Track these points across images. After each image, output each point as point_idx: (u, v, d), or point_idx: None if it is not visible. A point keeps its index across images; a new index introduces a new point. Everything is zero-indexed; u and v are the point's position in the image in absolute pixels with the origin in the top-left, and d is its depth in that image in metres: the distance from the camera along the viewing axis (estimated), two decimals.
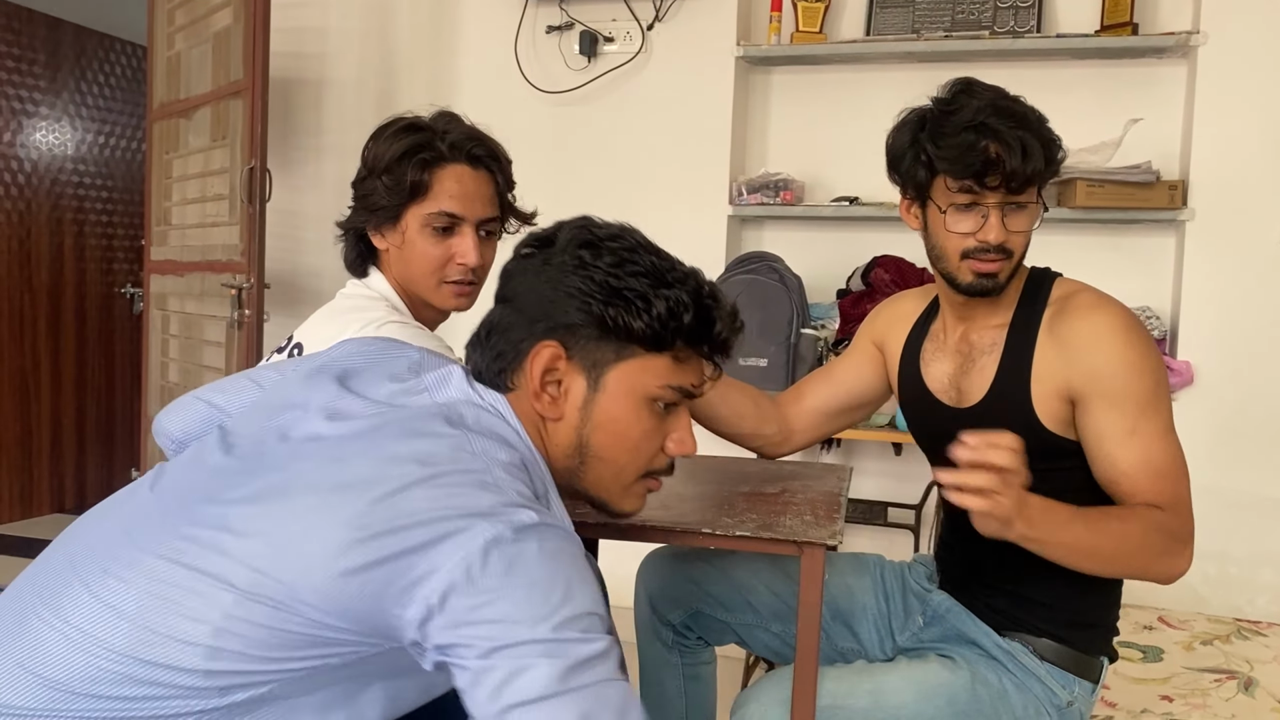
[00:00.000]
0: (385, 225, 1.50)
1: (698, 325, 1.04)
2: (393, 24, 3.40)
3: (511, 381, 1.04)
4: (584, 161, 3.17)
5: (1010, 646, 1.44)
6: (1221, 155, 2.68)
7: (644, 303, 1.01)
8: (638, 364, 1.02)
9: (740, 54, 2.99)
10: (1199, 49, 2.67)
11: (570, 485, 1.07)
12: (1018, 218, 1.39)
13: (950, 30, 2.88)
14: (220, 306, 3.08)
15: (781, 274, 2.71)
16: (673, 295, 1.02)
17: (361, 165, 1.52)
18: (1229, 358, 2.69)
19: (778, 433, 1.65)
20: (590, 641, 0.85)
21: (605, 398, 1.03)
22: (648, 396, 1.04)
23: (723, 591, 1.68)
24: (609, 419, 1.03)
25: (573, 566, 0.88)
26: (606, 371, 1.02)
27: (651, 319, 1.01)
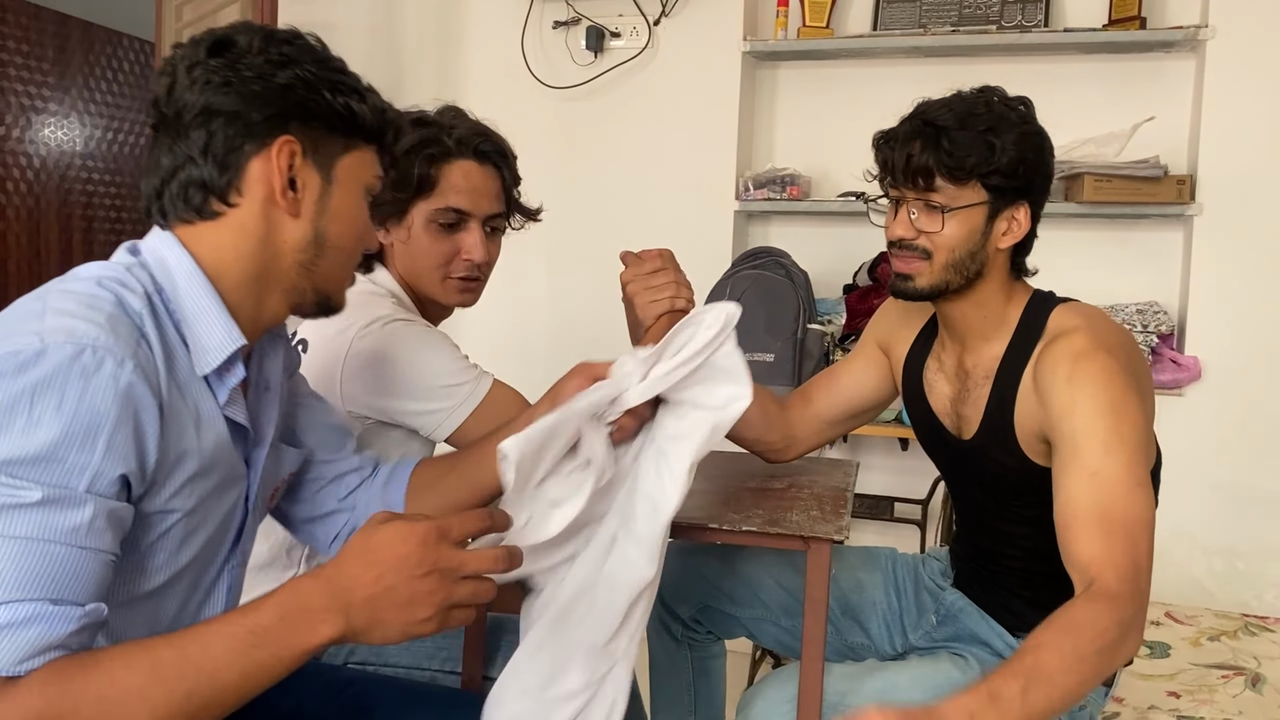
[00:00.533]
0: (390, 220, 1.50)
1: (397, 126, 1.09)
2: (400, 19, 3.40)
3: (217, 206, 0.99)
4: (590, 157, 3.18)
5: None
6: (1230, 150, 2.67)
7: (360, 95, 1.04)
8: (358, 155, 1.05)
9: (747, 49, 2.99)
10: (1207, 43, 2.66)
11: (294, 283, 1.03)
12: (930, 218, 1.35)
13: (957, 25, 2.87)
14: None
15: (788, 269, 2.71)
16: (373, 90, 1.06)
17: None
18: (1237, 353, 2.69)
19: (781, 439, 1.63)
20: (18, 490, 0.81)
21: (339, 190, 1.04)
22: (366, 187, 1.07)
23: (732, 586, 1.69)
24: (344, 209, 1.04)
25: (68, 413, 0.83)
26: (337, 164, 1.03)
27: (372, 110, 1.04)
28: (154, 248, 0.99)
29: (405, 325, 1.42)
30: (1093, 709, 1.44)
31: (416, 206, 1.48)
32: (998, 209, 1.36)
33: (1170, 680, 1.75)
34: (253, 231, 1.00)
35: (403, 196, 1.47)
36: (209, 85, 0.97)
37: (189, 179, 0.99)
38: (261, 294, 1.02)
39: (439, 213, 1.49)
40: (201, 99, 0.97)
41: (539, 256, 3.17)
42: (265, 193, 0.99)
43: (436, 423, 1.41)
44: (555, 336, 3.22)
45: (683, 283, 1.42)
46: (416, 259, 1.51)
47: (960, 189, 1.34)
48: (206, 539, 1.01)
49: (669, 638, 1.75)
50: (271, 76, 0.98)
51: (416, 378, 1.39)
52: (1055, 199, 2.75)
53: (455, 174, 1.49)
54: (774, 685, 1.37)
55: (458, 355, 1.44)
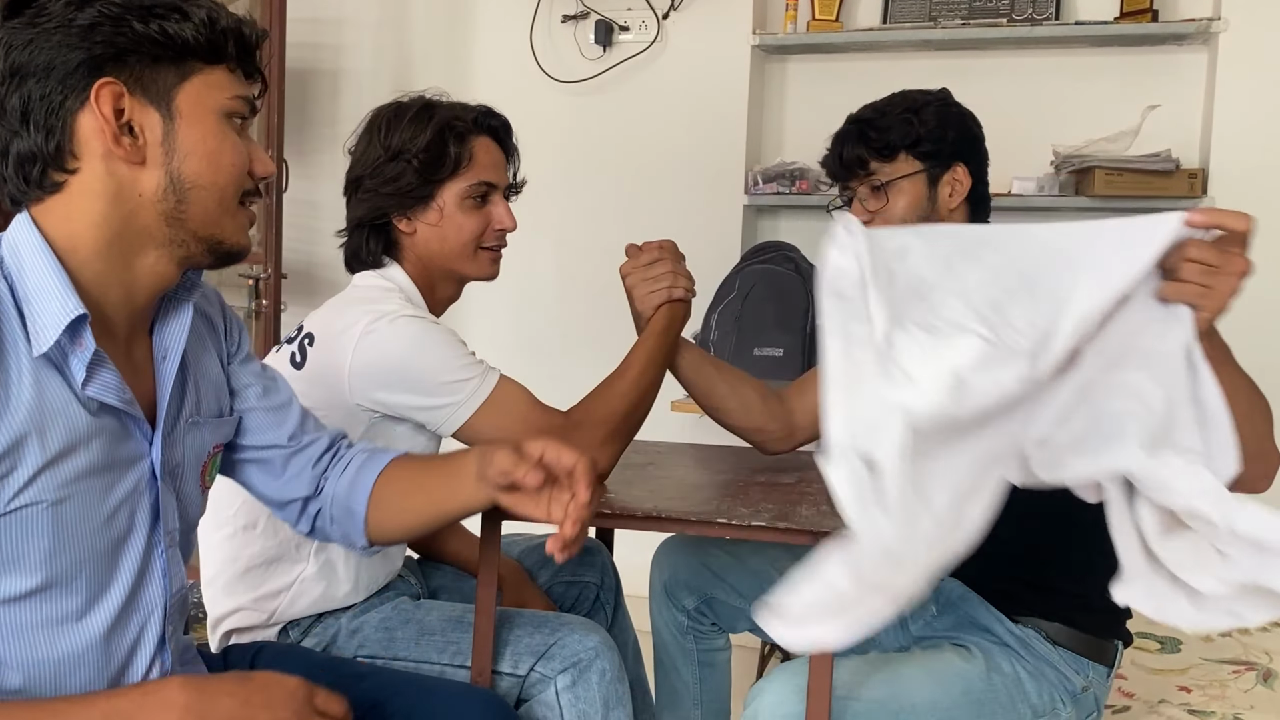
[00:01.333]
0: (416, 207, 1.50)
1: (237, 30, 0.98)
2: (408, 14, 3.40)
3: (56, 175, 0.93)
4: (599, 151, 3.17)
5: (1023, 633, 1.44)
6: (1242, 143, 2.65)
7: (181, 14, 0.94)
8: (201, 80, 0.96)
9: (756, 43, 2.98)
10: (1220, 35, 2.65)
11: (169, 236, 0.97)
12: (875, 197, 1.50)
13: (968, 18, 2.86)
14: (237, 297, 3.09)
15: (797, 263, 2.71)
16: (201, 4, 0.95)
17: (376, 154, 1.49)
18: (1251, 349, 2.66)
19: (781, 429, 1.64)
20: None
21: (185, 124, 0.95)
22: (223, 111, 0.97)
23: (737, 578, 1.70)
24: (196, 143, 0.95)
25: None
26: (175, 95, 0.94)
27: (197, 26, 0.94)
28: (11, 233, 0.94)
29: (412, 320, 1.42)
30: (1097, 690, 1.44)
31: (447, 187, 1.50)
32: (936, 175, 1.48)
33: (1181, 675, 1.74)
34: (100, 192, 0.93)
35: (433, 180, 1.49)
36: (13, 48, 0.90)
37: (20, 154, 0.92)
38: (130, 256, 0.95)
39: (472, 188, 1.51)
40: (6, 64, 0.90)
41: (547, 250, 3.17)
42: (101, 147, 0.92)
43: (443, 418, 1.41)
44: (563, 330, 3.22)
45: (681, 272, 1.47)
46: (449, 238, 1.52)
47: (893, 164, 1.48)
48: (102, 525, 0.95)
49: (674, 630, 1.76)
50: (72, 21, 0.90)
51: (423, 373, 1.39)
52: (1066, 193, 2.74)
53: (479, 150, 1.52)
54: (783, 678, 1.37)
55: (464, 351, 1.44)
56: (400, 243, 1.53)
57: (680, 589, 1.73)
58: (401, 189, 1.48)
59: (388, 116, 1.51)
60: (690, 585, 1.72)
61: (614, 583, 1.80)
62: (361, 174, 1.51)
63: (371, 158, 1.50)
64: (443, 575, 1.75)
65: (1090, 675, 1.43)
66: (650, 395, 1.50)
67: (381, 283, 1.52)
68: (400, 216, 1.51)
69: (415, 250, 1.53)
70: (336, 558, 1.48)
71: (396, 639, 1.46)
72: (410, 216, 1.51)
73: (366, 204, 1.51)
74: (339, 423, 1.43)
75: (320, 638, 1.47)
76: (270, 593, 1.47)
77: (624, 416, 1.46)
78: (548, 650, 1.42)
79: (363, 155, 1.52)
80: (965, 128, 1.50)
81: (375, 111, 1.54)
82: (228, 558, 1.49)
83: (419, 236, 1.52)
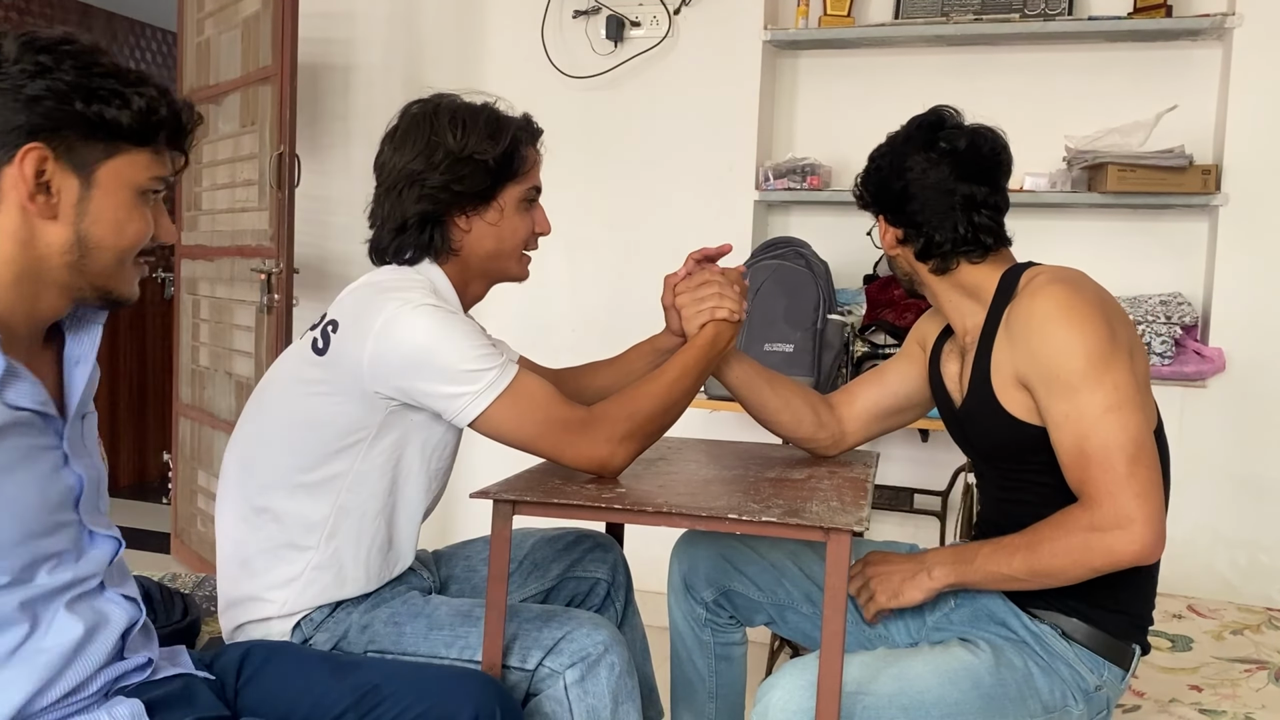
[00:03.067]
0: (479, 206, 1.52)
1: (173, 118, 1.11)
2: (420, 8, 3.40)
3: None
4: (611, 146, 3.17)
5: (1039, 629, 1.44)
6: (1256, 139, 2.64)
7: (122, 100, 1.06)
8: (126, 159, 1.08)
9: (768, 38, 2.98)
10: (1234, 31, 2.63)
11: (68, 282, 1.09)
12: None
13: (980, 13, 2.85)
14: (250, 291, 3.11)
15: (808, 259, 2.70)
16: (145, 92, 1.08)
17: (444, 153, 1.48)
18: (1262, 345, 2.66)
19: (830, 436, 1.73)
20: None
21: (100, 193, 1.08)
22: (138, 189, 1.10)
23: (756, 571, 1.71)
24: (106, 211, 1.08)
25: None
26: (97, 169, 1.07)
27: (134, 114, 1.06)
28: None
29: (434, 309, 1.42)
30: (1110, 691, 1.44)
31: (507, 190, 1.54)
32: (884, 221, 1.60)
33: (1193, 674, 1.74)
34: (13, 235, 1.05)
35: (501, 181, 1.52)
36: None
37: None
38: (35, 292, 1.08)
39: (529, 191, 1.57)
40: None
41: (559, 246, 3.16)
42: (18, 199, 1.04)
43: (461, 407, 1.41)
44: (575, 325, 3.22)
45: (729, 295, 1.60)
46: (505, 239, 1.56)
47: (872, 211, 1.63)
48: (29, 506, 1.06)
49: (691, 622, 1.76)
50: (21, 89, 1.02)
51: (442, 360, 1.39)
52: (1079, 189, 2.73)
53: (533, 156, 1.58)
54: (793, 673, 1.37)
55: (485, 341, 1.45)
56: (451, 239, 1.53)
57: (699, 581, 1.74)
58: (472, 187, 1.50)
59: (461, 116, 1.51)
60: (709, 577, 1.74)
61: (625, 580, 1.80)
62: (423, 170, 1.49)
63: (441, 156, 1.48)
64: (452, 566, 1.76)
65: (1105, 675, 1.43)
66: (680, 404, 1.53)
67: (409, 273, 1.52)
68: (460, 214, 1.52)
69: (466, 247, 1.54)
70: (345, 546, 1.48)
71: (405, 633, 1.47)
72: (470, 214, 1.52)
73: (431, 199, 1.50)
74: (359, 409, 1.45)
75: (332, 633, 1.48)
76: (280, 580, 1.48)
77: (647, 417, 1.47)
78: (556, 645, 1.43)
79: (424, 152, 1.49)
80: (882, 184, 1.55)
81: (429, 108, 1.52)
82: (240, 542, 1.50)
83: (474, 234, 1.53)
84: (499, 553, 1.36)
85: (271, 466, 1.49)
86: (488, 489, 1.37)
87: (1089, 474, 1.33)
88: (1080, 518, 1.33)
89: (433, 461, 1.54)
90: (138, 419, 4.93)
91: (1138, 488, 1.30)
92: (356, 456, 1.47)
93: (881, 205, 1.57)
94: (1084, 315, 1.37)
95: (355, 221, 1.69)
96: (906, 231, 1.54)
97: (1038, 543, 1.36)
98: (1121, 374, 1.35)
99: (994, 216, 1.52)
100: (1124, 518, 1.30)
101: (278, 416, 1.51)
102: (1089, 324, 1.36)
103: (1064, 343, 1.36)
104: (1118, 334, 1.38)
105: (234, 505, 1.52)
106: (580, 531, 1.80)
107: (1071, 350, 1.35)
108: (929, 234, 1.51)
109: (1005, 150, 1.54)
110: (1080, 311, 1.37)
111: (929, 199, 1.51)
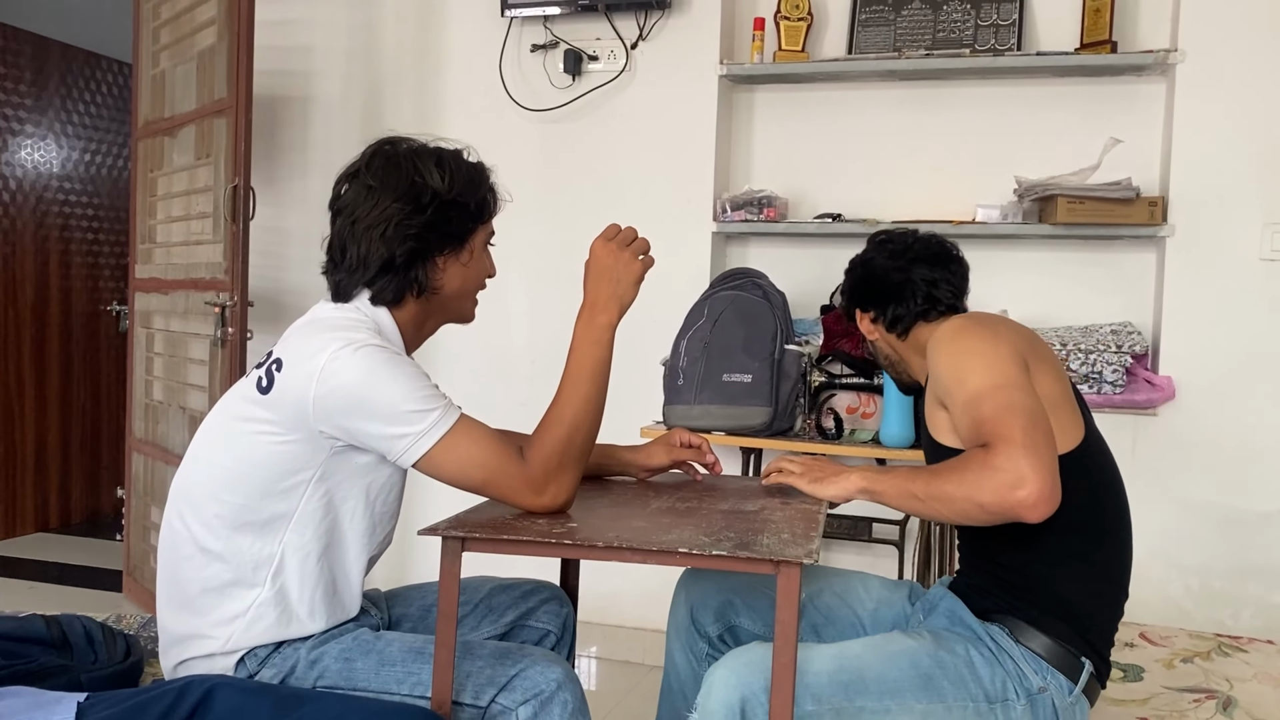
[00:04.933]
0: (454, 248, 1.54)
1: None
2: (378, 42, 3.40)
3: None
4: (569, 179, 3.18)
5: (990, 629, 1.49)
6: (1200, 171, 2.70)
7: None
8: None
9: (724, 72, 3.01)
10: (1177, 66, 2.70)
11: None
12: None
13: (931, 48, 2.90)
14: (204, 324, 3.07)
15: (765, 290, 2.72)
16: None
17: (427, 194, 1.48)
18: (1210, 373, 2.71)
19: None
20: None
21: None
22: None
23: (764, 606, 1.72)
24: None
25: None
26: None
27: None
28: None
29: (378, 350, 1.41)
30: (1056, 698, 1.45)
31: (479, 232, 1.57)
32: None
33: (1142, 705, 1.75)
34: None
35: (476, 223, 1.56)
36: None
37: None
38: None
39: (490, 233, 1.62)
40: None
41: (518, 277, 3.17)
42: None
43: (404, 447, 1.41)
44: (535, 356, 3.22)
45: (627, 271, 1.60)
46: (470, 279, 1.59)
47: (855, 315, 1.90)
48: None
49: (691, 656, 1.76)
50: None
51: (386, 401, 1.39)
52: (1030, 220, 2.78)
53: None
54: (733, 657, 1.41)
55: (428, 384, 1.44)
56: (431, 279, 1.54)
57: (707, 616, 1.76)
58: (453, 230, 1.53)
59: (449, 162, 1.52)
60: (717, 612, 1.76)
61: (571, 638, 1.79)
62: (408, 211, 1.48)
63: (428, 199, 1.49)
64: (406, 605, 1.74)
65: (1049, 679, 1.46)
66: (595, 412, 1.50)
67: (353, 313, 1.51)
68: (439, 255, 1.53)
69: (441, 288, 1.55)
70: (289, 585, 1.47)
71: (356, 669, 1.45)
72: (446, 257, 1.54)
73: (415, 239, 1.49)
74: (303, 449, 1.43)
75: (279, 668, 1.46)
76: (226, 617, 1.46)
77: (568, 441, 1.46)
78: (510, 681, 1.42)
79: (405, 194, 1.49)
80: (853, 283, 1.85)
81: (400, 151, 1.52)
82: (184, 579, 1.48)
83: (447, 274, 1.55)
84: (448, 590, 1.35)
85: (215, 504, 1.47)
86: (436, 525, 1.36)
87: (984, 429, 1.39)
88: (978, 455, 1.39)
89: (377, 504, 1.53)
90: (91, 454, 4.85)
91: (1031, 442, 1.35)
92: (299, 497, 1.46)
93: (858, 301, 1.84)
94: (973, 332, 1.54)
95: (311, 253, 1.68)
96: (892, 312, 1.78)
97: (943, 469, 1.43)
98: (1013, 371, 1.45)
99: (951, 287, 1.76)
100: (1018, 464, 1.33)
101: (220, 454, 1.49)
102: (976, 336, 1.52)
103: (953, 355, 1.51)
104: (1012, 345, 1.50)
105: (177, 542, 1.50)
106: (538, 583, 1.79)
107: (960, 361, 1.50)
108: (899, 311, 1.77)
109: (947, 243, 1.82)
110: (970, 331, 1.54)
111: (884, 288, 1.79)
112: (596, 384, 1.49)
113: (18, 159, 4.43)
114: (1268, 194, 2.67)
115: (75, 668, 1.57)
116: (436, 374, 1.92)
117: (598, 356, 1.50)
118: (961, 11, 2.91)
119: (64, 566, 4.14)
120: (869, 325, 1.83)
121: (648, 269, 1.56)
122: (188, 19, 3.22)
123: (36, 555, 4.28)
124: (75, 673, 1.55)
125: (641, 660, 3.08)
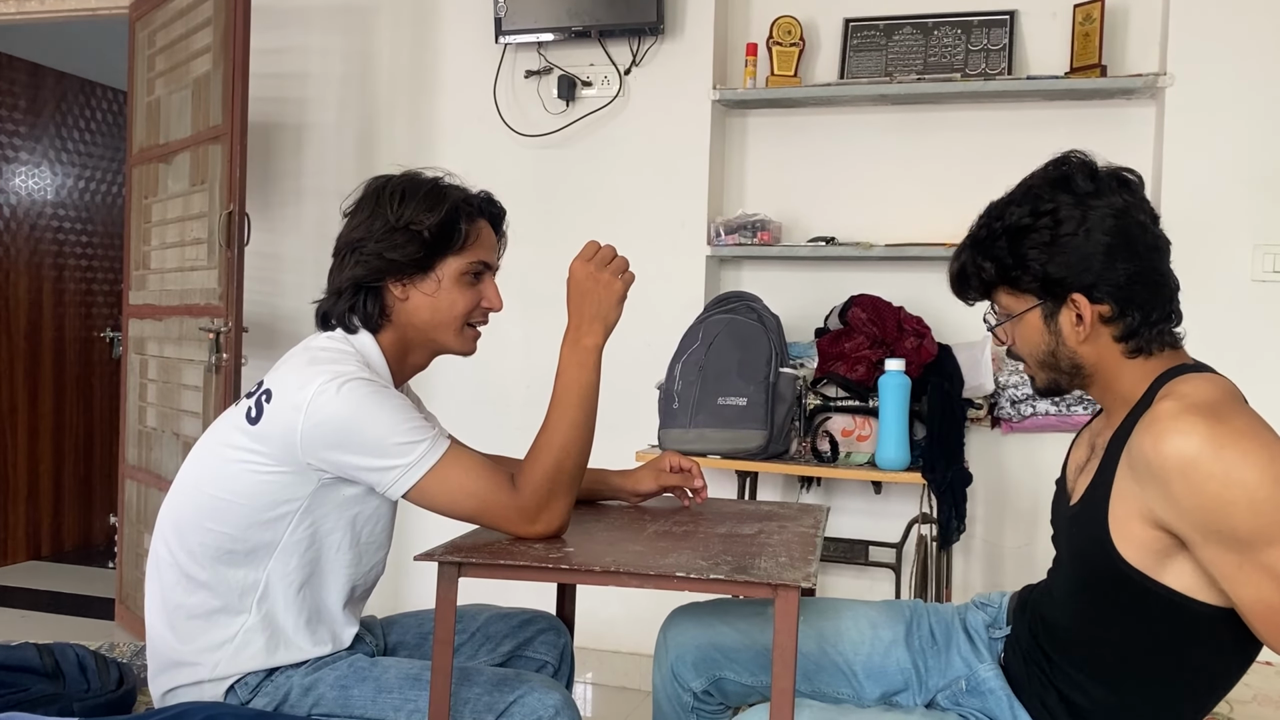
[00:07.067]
0: (415, 275, 1.53)
1: None
2: (373, 69, 3.42)
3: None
4: (563, 204, 3.20)
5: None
6: (1190, 193, 2.72)
7: None
8: None
9: (717, 97, 3.03)
10: (1166, 90, 2.72)
11: None
12: (1004, 327, 1.38)
13: (923, 73, 2.92)
14: (198, 350, 3.07)
15: (760, 313, 2.73)
16: None
17: (383, 222, 1.51)
18: None
19: None
20: None
21: None
22: None
23: (748, 658, 1.63)
24: None
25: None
26: None
27: None
28: None
29: (365, 383, 1.42)
30: None
31: (446, 261, 1.54)
32: (1052, 310, 1.31)
33: None
34: None
35: (437, 252, 1.52)
36: None
37: None
38: None
39: (471, 265, 1.56)
40: None
41: (513, 303, 3.13)
42: None
43: (393, 479, 1.41)
44: (530, 381, 3.22)
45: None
46: (441, 310, 1.55)
47: (1008, 298, 1.34)
48: None
49: (678, 707, 1.68)
50: None
51: (373, 434, 1.39)
52: None
53: (482, 231, 1.58)
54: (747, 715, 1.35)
55: (416, 415, 1.45)
56: (389, 307, 1.54)
57: (687, 670, 1.66)
58: (406, 256, 1.51)
59: (401, 188, 1.53)
60: (698, 666, 1.65)
61: (569, 669, 1.78)
62: (363, 238, 1.52)
63: (379, 225, 1.51)
64: (403, 632, 1.73)
65: None
66: (585, 436, 1.49)
67: (342, 345, 1.51)
68: (395, 282, 1.52)
69: (402, 316, 1.55)
70: (275, 612, 1.46)
71: (353, 696, 1.44)
72: (406, 283, 1.53)
73: (365, 265, 1.51)
74: (290, 480, 1.43)
75: (271, 696, 1.45)
76: (212, 644, 1.45)
77: (558, 467, 1.45)
78: (508, 708, 1.41)
79: (366, 221, 1.52)
80: (1061, 251, 1.28)
81: (381, 181, 1.56)
82: (171, 606, 1.48)
83: (411, 303, 1.54)
84: (444, 616, 1.34)
85: (201, 533, 1.47)
86: (432, 551, 1.35)
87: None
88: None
89: (363, 535, 1.53)
90: (84, 481, 4.82)
91: None
92: (285, 527, 1.46)
93: (1073, 277, 1.29)
94: (1240, 451, 1.14)
95: (306, 279, 1.70)
96: (1109, 301, 1.29)
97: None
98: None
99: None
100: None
101: (207, 484, 1.49)
102: (1246, 462, 1.13)
103: (1220, 492, 1.13)
104: (1276, 456, 1.15)
105: (163, 569, 1.50)
106: (535, 612, 1.79)
107: (1232, 499, 1.12)
108: (1133, 316, 1.30)
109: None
110: (1233, 448, 1.14)
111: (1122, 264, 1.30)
112: (585, 408, 1.48)
113: (12, 186, 4.44)
114: (1258, 216, 2.69)
115: (68, 696, 1.56)
116: (431, 400, 1.93)
117: (585, 380, 1.49)
118: (952, 36, 2.94)
119: (56, 595, 4.11)
120: (1078, 329, 1.29)
121: (629, 286, 1.54)
122: (183, 46, 3.23)
123: (29, 583, 4.26)
124: (68, 701, 1.54)
125: (638, 686, 3.07)
